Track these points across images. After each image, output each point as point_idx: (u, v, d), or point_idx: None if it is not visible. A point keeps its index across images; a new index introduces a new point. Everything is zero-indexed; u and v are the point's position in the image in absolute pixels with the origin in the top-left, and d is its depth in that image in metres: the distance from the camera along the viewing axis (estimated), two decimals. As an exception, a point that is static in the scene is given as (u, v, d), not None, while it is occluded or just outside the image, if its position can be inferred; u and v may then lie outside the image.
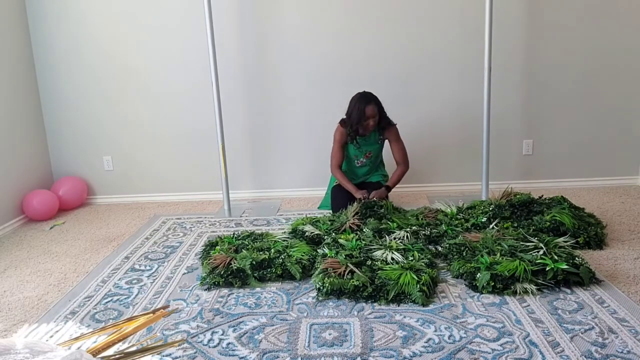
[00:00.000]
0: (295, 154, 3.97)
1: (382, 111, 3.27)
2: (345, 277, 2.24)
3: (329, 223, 2.97)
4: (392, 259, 2.40)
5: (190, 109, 3.93)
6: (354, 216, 2.97)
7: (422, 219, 2.99)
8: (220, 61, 3.58)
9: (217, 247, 2.68)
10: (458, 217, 3.01)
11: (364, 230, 2.83)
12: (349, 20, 3.77)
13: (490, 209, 2.98)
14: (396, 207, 3.18)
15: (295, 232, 2.89)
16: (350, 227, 2.87)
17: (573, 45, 3.76)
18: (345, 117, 3.32)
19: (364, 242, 2.61)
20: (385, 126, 3.31)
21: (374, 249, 2.51)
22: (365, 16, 3.76)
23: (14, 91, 3.69)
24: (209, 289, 2.36)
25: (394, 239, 2.68)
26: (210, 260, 2.49)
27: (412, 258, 2.41)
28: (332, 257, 2.43)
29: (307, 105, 3.90)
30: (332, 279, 2.21)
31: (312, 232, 2.82)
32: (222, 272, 2.38)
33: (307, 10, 3.78)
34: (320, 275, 2.27)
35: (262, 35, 3.81)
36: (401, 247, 2.53)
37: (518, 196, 3.10)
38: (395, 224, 2.88)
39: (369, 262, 2.37)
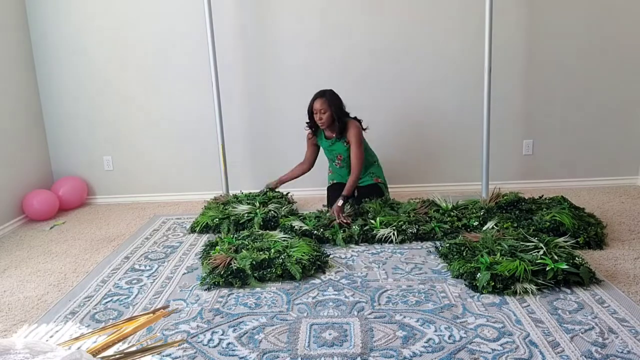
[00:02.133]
0: (295, 154, 3.96)
1: (337, 109, 3.19)
2: (228, 267, 2.42)
3: (315, 220, 3.05)
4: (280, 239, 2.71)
5: (191, 109, 3.94)
6: (345, 215, 3.04)
7: (412, 215, 3.02)
8: (220, 61, 3.59)
9: (217, 247, 2.68)
10: (451, 214, 3.05)
11: (353, 227, 2.92)
12: (349, 20, 3.77)
13: (482, 213, 3.01)
14: (392, 203, 3.24)
15: (284, 228, 2.96)
16: (339, 224, 2.96)
17: (573, 45, 3.76)
18: None
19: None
20: (343, 129, 3.23)
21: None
22: (365, 16, 3.76)
23: (14, 91, 3.69)
24: (209, 289, 2.36)
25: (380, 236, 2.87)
26: (211, 260, 2.50)
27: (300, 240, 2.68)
28: (217, 253, 2.58)
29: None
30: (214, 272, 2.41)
31: (300, 227, 2.92)
32: (222, 272, 2.39)
33: (307, 11, 3.78)
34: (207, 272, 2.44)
35: (263, 36, 3.81)
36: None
37: (505, 197, 3.15)
38: (379, 221, 2.94)
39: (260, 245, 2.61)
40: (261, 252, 2.53)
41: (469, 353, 1.77)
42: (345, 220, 2.97)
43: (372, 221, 2.98)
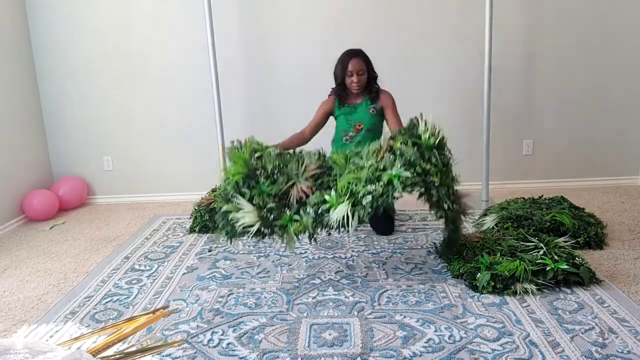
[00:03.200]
0: (295, 154, 3.97)
1: (371, 71, 2.92)
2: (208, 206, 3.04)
3: (271, 182, 2.25)
4: None
5: (191, 109, 3.93)
6: (306, 180, 2.27)
7: (376, 162, 2.13)
8: (220, 61, 3.59)
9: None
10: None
11: (308, 210, 2.17)
12: (349, 19, 3.77)
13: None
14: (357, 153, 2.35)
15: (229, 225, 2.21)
16: (298, 193, 2.23)
17: (573, 45, 3.76)
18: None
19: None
20: (376, 93, 2.93)
21: None
22: (365, 15, 3.76)
23: (13, 91, 3.69)
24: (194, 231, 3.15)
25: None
26: (202, 200, 3.26)
27: None
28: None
29: (308, 104, 3.87)
30: None
31: (245, 228, 2.15)
32: (201, 211, 3.14)
33: (307, 9, 3.78)
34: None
35: (263, 35, 3.81)
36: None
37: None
38: (337, 194, 2.13)
39: None
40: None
41: (469, 353, 1.77)
42: (304, 190, 2.22)
43: (327, 196, 2.15)
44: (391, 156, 2.08)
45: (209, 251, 2.87)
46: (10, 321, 2.18)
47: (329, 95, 3.06)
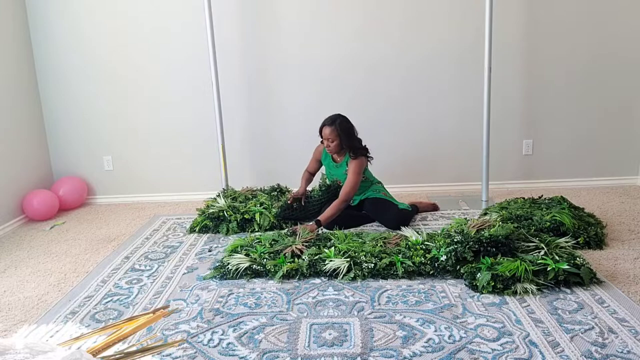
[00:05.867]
0: (295, 154, 3.96)
1: (346, 139, 3.07)
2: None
3: (269, 245, 2.67)
4: None
5: (191, 109, 3.94)
6: (302, 242, 2.67)
7: (380, 246, 2.59)
8: (220, 61, 3.59)
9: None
10: (421, 247, 2.53)
11: (303, 257, 2.51)
12: (350, 19, 3.77)
13: (454, 246, 2.40)
14: (358, 233, 2.84)
15: (222, 267, 2.54)
16: (293, 251, 2.56)
17: (573, 45, 3.76)
18: None
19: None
20: (352, 157, 3.11)
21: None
22: (365, 16, 3.76)
23: (14, 91, 3.69)
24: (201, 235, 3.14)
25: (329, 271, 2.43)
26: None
27: None
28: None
29: (307, 105, 3.90)
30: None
31: (237, 265, 2.48)
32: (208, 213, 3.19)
33: (307, 14, 3.78)
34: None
35: (263, 37, 3.82)
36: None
37: (493, 230, 2.44)
38: (335, 250, 2.53)
39: None
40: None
41: (469, 353, 1.77)
42: (299, 247, 2.59)
43: (327, 250, 2.54)
44: (398, 249, 2.55)
45: (209, 251, 2.87)
46: (10, 321, 2.18)
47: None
